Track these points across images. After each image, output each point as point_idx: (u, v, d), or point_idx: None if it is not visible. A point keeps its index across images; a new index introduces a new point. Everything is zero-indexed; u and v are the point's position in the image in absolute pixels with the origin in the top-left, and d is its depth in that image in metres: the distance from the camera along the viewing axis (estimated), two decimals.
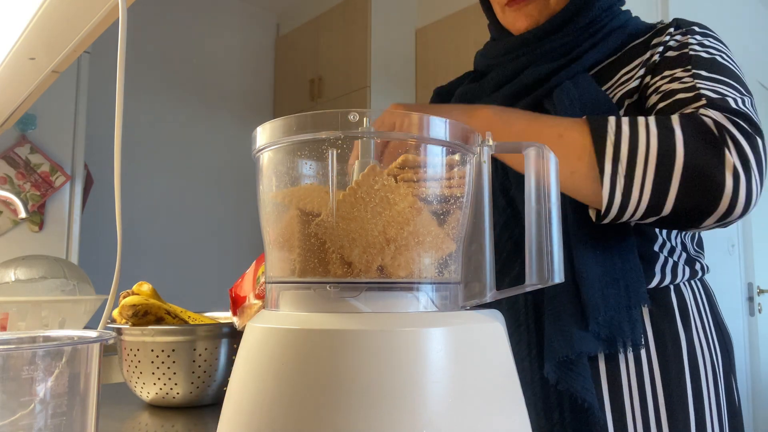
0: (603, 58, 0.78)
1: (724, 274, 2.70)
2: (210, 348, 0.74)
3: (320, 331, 0.37)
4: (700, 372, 0.70)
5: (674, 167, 0.57)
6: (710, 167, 0.57)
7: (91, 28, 0.81)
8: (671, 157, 0.58)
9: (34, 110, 2.31)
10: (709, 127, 0.59)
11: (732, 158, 0.57)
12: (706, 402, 0.69)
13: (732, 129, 0.59)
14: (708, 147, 0.58)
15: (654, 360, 0.69)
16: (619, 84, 0.75)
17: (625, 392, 0.68)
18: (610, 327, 0.67)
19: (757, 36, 3.27)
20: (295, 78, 3.50)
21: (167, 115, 3.27)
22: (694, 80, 0.66)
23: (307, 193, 0.43)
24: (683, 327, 0.71)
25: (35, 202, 2.29)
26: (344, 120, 0.40)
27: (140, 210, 3.07)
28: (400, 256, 0.41)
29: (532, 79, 0.78)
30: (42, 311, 1.10)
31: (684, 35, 0.73)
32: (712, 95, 0.63)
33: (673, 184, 0.58)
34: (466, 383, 0.38)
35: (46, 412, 0.40)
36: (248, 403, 0.39)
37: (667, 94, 0.68)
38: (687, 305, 0.73)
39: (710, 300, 0.78)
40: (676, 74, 0.69)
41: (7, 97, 1.14)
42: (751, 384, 2.83)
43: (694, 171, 0.57)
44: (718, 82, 0.66)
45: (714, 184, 0.57)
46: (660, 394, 0.68)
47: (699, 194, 0.58)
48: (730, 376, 0.74)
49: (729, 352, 0.76)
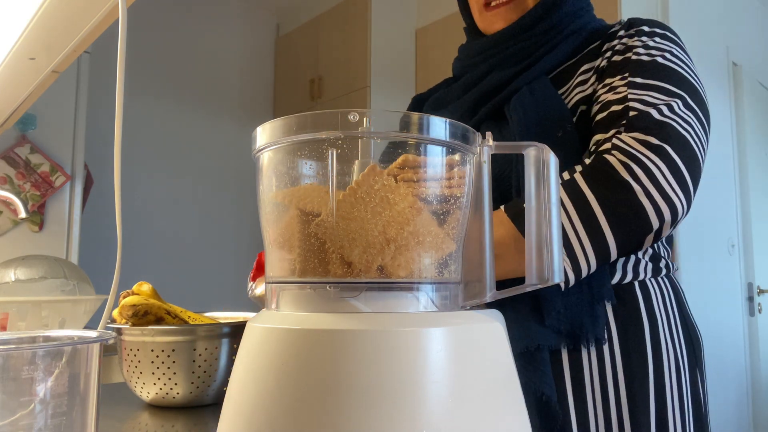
0: (562, 60, 0.79)
1: (724, 274, 2.70)
2: (210, 348, 0.74)
3: (320, 331, 0.37)
4: (663, 367, 0.71)
5: (600, 225, 0.62)
6: (627, 206, 0.62)
7: (91, 28, 0.81)
8: (594, 219, 0.62)
9: (34, 110, 2.31)
10: (613, 171, 0.63)
11: (638, 186, 0.62)
12: (668, 396, 0.70)
13: (638, 156, 0.63)
14: (617, 191, 0.62)
15: (617, 355, 0.70)
16: (575, 87, 0.76)
17: (588, 387, 0.69)
18: (571, 322, 0.68)
19: (757, 36, 3.27)
20: (295, 78, 3.50)
21: (167, 115, 3.27)
22: (627, 89, 0.69)
23: (307, 193, 0.43)
24: (649, 323, 0.72)
25: (35, 202, 2.29)
26: (344, 120, 0.40)
27: (140, 210, 3.07)
28: (400, 256, 0.41)
29: (493, 85, 0.80)
30: (42, 311, 1.10)
31: (632, 37, 0.75)
32: (638, 107, 0.66)
33: (608, 238, 0.63)
34: (466, 383, 0.38)
35: (46, 412, 0.40)
36: (248, 403, 0.39)
37: (603, 106, 0.70)
38: (653, 302, 0.74)
39: (678, 297, 0.79)
40: (614, 83, 0.71)
41: (7, 97, 1.14)
42: (751, 384, 2.83)
43: (616, 217, 0.62)
44: (649, 88, 0.68)
45: (638, 215, 0.62)
46: (622, 388, 0.69)
47: (631, 229, 0.63)
48: (695, 370, 0.75)
49: (695, 348, 0.77)
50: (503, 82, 0.79)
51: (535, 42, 0.80)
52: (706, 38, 2.65)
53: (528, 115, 0.72)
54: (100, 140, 2.63)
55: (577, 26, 0.81)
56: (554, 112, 0.72)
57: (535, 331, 0.67)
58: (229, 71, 3.55)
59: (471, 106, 0.83)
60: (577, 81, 0.77)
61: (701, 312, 2.53)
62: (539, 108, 0.73)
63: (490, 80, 0.81)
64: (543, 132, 0.71)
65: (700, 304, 2.44)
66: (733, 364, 2.70)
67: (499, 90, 0.80)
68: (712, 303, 2.55)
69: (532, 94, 0.74)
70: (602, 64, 0.75)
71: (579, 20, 0.81)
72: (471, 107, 0.83)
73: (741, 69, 2.90)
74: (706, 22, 2.65)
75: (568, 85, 0.78)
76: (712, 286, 2.56)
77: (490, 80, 0.81)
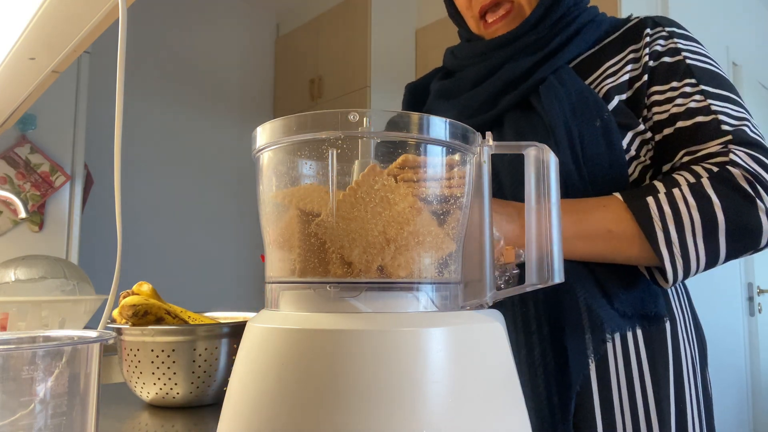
0: (582, 51, 0.79)
1: (724, 274, 2.70)
2: (210, 348, 0.74)
3: (320, 331, 0.37)
4: (682, 368, 0.72)
5: (719, 232, 0.64)
6: (749, 221, 0.64)
7: (91, 28, 0.81)
8: (714, 225, 0.64)
9: (34, 110, 2.31)
10: (740, 184, 0.65)
11: (764, 204, 0.65)
12: (687, 396, 0.71)
13: (761, 174, 0.65)
14: (743, 204, 0.64)
15: (643, 355, 0.70)
16: (604, 77, 0.76)
17: (614, 386, 0.69)
18: (632, 304, 0.69)
19: (757, 36, 3.26)
20: (295, 78, 3.50)
21: (167, 115, 3.27)
22: (706, 99, 0.71)
23: (307, 193, 0.43)
24: (669, 323, 0.73)
25: (35, 202, 2.29)
26: (344, 120, 0.40)
27: (140, 210, 3.07)
28: (400, 256, 0.41)
29: (514, 75, 0.78)
30: (42, 311, 1.10)
31: (667, 39, 0.76)
32: (730, 121, 0.69)
33: (721, 245, 0.65)
34: (466, 383, 0.38)
35: (46, 412, 0.40)
36: (248, 403, 0.39)
37: (685, 114, 0.71)
38: (671, 302, 0.75)
39: (688, 296, 0.81)
40: (684, 89, 0.72)
41: (7, 97, 1.14)
42: (751, 384, 2.83)
43: (736, 229, 0.64)
44: (726, 101, 0.71)
45: (754, 231, 0.65)
46: (649, 391, 0.69)
47: (743, 243, 0.66)
48: (705, 370, 0.77)
49: (704, 348, 0.79)
50: (523, 72, 0.78)
51: (548, 33, 0.79)
52: (706, 38, 2.63)
53: (562, 105, 0.72)
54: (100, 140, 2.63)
55: (589, 17, 0.80)
56: (589, 101, 0.72)
57: (610, 318, 0.68)
58: (229, 71, 3.55)
59: (490, 96, 0.80)
60: (607, 72, 0.76)
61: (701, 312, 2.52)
62: (571, 97, 0.72)
63: (508, 71, 0.79)
64: (581, 121, 0.71)
65: (700, 304, 2.44)
66: (733, 364, 2.70)
67: (521, 80, 0.78)
68: (712, 303, 2.55)
69: (562, 83, 0.74)
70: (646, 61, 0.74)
71: (589, 11, 0.81)
72: (491, 98, 0.80)
73: (741, 69, 2.90)
74: (706, 22, 2.65)
75: (594, 75, 0.77)
76: (712, 286, 2.56)
77: (509, 70, 0.79)
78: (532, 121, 0.75)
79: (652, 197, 0.66)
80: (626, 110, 0.73)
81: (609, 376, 0.69)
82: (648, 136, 0.74)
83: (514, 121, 0.77)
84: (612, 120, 0.71)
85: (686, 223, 0.65)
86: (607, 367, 0.69)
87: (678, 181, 0.67)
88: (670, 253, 0.65)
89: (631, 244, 0.67)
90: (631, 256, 0.68)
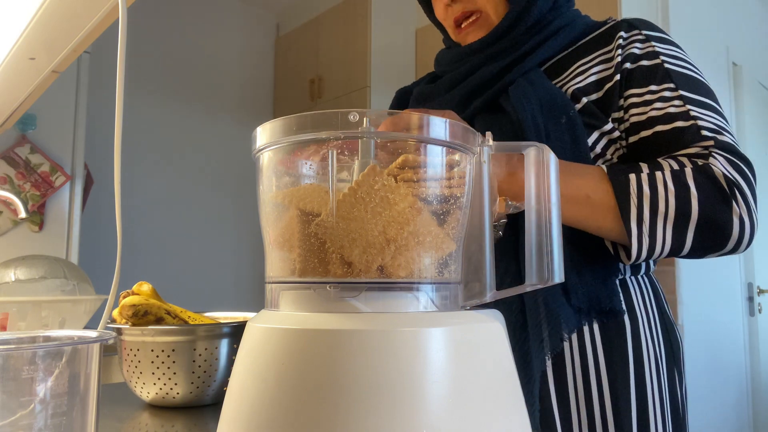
0: (553, 54, 0.81)
1: (724, 274, 2.70)
2: (210, 348, 0.74)
3: (320, 331, 0.37)
4: (644, 365, 0.73)
5: (689, 223, 0.66)
6: (721, 219, 0.66)
7: (91, 28, 0.81)
8: (687, 214, 0.66)
9: (34, 110, 2.31)
10: (720, 183, 0.66)
11: (739, 209, 0.66)
12: (649, 394, 0.72)
13: (738, 180, 0.67)
14: (720, 202, 0.66)
15: (599, 352, 0.72)
16: (571, 78, 0.78)
17: (570, 385, 0.71)
18: (589, 299, 0.71)
19: (757, 36, 3.27)
20: (295, 78, 3.50)
21: (167, 115, 3.27)
22: (686, 105, 0.72)
23: (307, 193, 0.43)
24: (629, 320, 0.74)
25: (35, 202, 2.29)
26: (344, 120, 0.40)
27: (140, 210, 3.07)
28: (400, 256, 0.41)
29: (484, 78, 0.81)
30: (42, 311, 1.11)
31: (644, 42, 0.77)
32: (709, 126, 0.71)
33: (689, 236, 0.66)
34: (466, 383, 0.38)
35: (46, 412, 0.40)
36: (248, 403, 0.39)
37: (664, 118, 0.72)
38: (632, 299, 0.76)
39: (656, 295, 0.81)
40: (663, 93, 0.73)
41: (7, 97, 1.14)
42: (751, 384, 2.83)
43: (706, 223, 0.66)
44: (706, 107, 0.73)
45: (724, 231, 0.66)
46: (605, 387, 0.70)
47: (710, 240, 0.67)
48: (673, 369, 0.77)
49: (674, 346, 0.79)
50: (493, 75, 0.81)
51: (519, 40, 0.81)
52: (706, 38, 2.65)
53: (531, 102, 0.74)
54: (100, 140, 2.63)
55: (566, 21, 0.82)
56: (557, 100, 0.74)
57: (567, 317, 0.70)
58: (229, 71, 3.55)
59: (462, 99, 0.84)
60: (575, 72, 0.78)
61: (701, 312, 2.53)
62: (540, 96, 0.74)
63: (480, 74, 0.82)
64: (547, 118, 0.73)
65: (700, 304, 2.44)
66: (733, 364, 2.70)
67: (492, 83, 0.81)
68: (712, 303, 2.55)
69: (531, 84, 0.76)
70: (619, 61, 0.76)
71: (566, 15, 0.83)
72: (462, 101, 0.84)
73: (741, 69, 2.90)
74: (706, 22, 2.65)
75: (562, 76, 0.79)
76: (712, 286, 2.56)
77: (480, 74, 0.82)
78: (500, 121, 0.77)
79: (634, 174, 0.68)
80: (594, 110, 0.75)
81: (565, 372, 0.71)
82: (616, 135, 0.75)
83: (484, 122, 0.79)
84: (578, 118, 0.73)
85: (661, 207, 0.66)
86: (564, 363, 0.71)
87: (662, 165, 0.69)
88: (639, 231, 0.66)
89: (605, 215, 0.68)
90: (603, 227, 0.69)
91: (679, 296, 2.32)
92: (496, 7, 0.82)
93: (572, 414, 0.70)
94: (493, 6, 0.82)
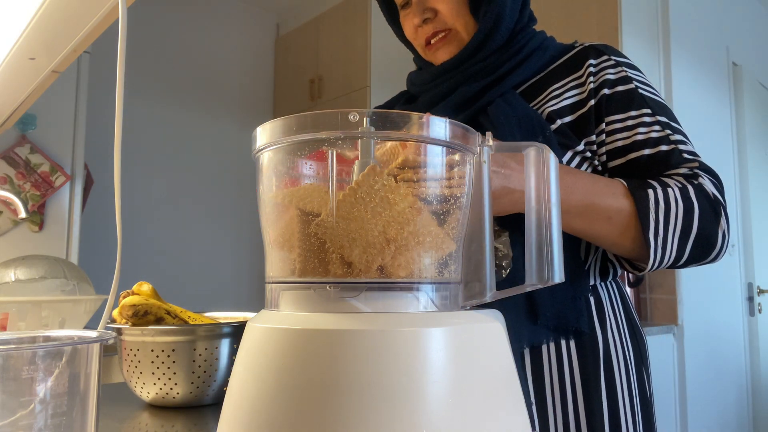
0: (527, 77, 0.86)
1: (724, 274, 2.70)
2: (210, 348, 0.74)
3: (320, 331, 0.37)
4: (613, 365, 0.77)
5: (690, 236, 0.73)
6: (712, 234, 0.73)
7: (91, 28, 0.81)
8: (689, 230, 0.73)
9: (34, 110, 2.31)
10: (712, 202, 0.74)
11: (723, 224, 0.74)
12: (620, 395, 0.77)
13: (721, 199, 0.75)
14: (712, 218, 0.74)
15: (573, 354, 0.76)
16: (546, 101, 0.82)
17: (547, 385, 0.75)
18: (557, 317, 0.75)
19: (757, 36, 3.27)
20: (295, 78, 3.50)
21: (167, 115, 3.27)
22: (664, 130, 0.78)
23: (307, 193, 0.43)
24: (599, 324, 0.78)
25: (35, 202, 2.29)
26: (344, 120, 0.40)
27: (140, 210, 3.07)
28: (400, 256, 0.41)
29: (464, 98, 0.84)
30: (42, 311, 1.10)
31: (616, 67, 0.82)
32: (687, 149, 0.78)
33: (688, 248, 0.73)
34: (466, 383, 0.38)
35: (46, 412, 0.40)
36: (248, 403, 0.39)
37: (649, 142, 0.78)
38: (603, 304, 0.80)
39: (623, 298, 0.85)
40: (643, 118, 0.79)
41: (7, 97, 1.14)
42: (751, 384, 2.83)
43: (701, 237, 0.73)
44: (678, 132, 0.79)
45: (713, 245, 0.74)
46: (578, 386, 0.75)
47: (701, 252, 0.74)
48: (641, 369, 0.82)
49: (641, 347, 0.83)
50: (472, 95, 0.84)
51: (497, 59, 0.84)
52: (706, 38, 2.65)
53: (510, 121, 0.77)
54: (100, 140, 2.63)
55: (537, 43, 0.86)
56: (533, 120, 0.78)
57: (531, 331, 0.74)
58: (229, 71, 3.55)
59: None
60: (549, 96, 0.82)
61: (701, 312, 2.53)
62: (518, 116, 0.78)
63: (459, 94, 0.85)
64: (525, 136, 0.77)
65: (700, 304, 2.44)
66: (733, 364, 2.70)
67: (471, 102, 0.84)
68: (712, 303, 2.55)
69: (509, 104, 0.80)
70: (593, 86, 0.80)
71: (536, 37, 0.87)
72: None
73: (741, 69, 2.90)
74: (706, 22, 2.65)
75: (538, 99, 0.83)
76: (712, 286, 2.56)
77: (460, 94, 0.85)
78: None
79: (652, 191, 0.73)
80: (567, 132, 0.79)
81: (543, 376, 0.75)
82: (588, 155, 0.80)
83: None
84: (553, 137, 0.78)
85: (671, 221, 0.72)
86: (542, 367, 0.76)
87: (668, 183, 0.74)
88: (655, 243, 0.71)
89: (624, 233, 0.73)
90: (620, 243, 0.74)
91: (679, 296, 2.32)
92: (465, 25, 0.86)
93: (548, 415, 0.75)
94: (463, 24, 0.86)
